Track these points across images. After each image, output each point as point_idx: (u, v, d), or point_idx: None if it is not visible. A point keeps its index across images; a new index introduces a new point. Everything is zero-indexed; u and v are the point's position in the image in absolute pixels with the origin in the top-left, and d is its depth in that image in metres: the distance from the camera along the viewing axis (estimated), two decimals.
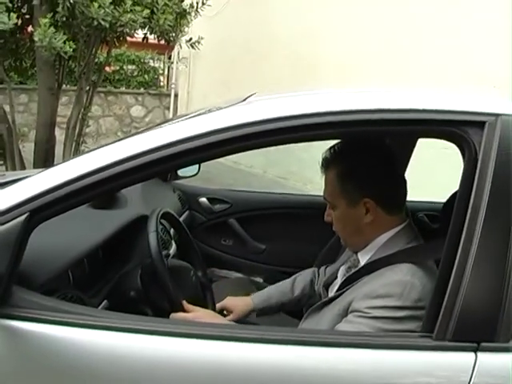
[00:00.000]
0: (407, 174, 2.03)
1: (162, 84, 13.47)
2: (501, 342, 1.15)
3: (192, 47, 5.72)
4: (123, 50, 11.97)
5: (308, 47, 8.19)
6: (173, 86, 12.50)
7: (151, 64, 12.67)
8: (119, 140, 1.38)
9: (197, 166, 3.00)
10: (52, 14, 4.53)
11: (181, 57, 11.99)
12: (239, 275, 2.72)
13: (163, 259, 1.54)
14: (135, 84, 12.42)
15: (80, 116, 5.68)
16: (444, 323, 1.16)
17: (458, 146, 1.27)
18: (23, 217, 1.25)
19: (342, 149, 1.57)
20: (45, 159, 5.49)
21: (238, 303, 1.90)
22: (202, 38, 5.78)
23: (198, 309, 1.53)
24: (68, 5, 4.38)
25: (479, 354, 1.15)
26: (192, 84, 12.24)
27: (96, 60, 6.52)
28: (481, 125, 1.23)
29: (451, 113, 1.26)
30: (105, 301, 1.60)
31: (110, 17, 4.55)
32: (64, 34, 4.47)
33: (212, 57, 10.72)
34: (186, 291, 1.62)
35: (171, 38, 5.34)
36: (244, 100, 1.48)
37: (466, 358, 1.15)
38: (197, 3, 5.58)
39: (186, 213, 2.77)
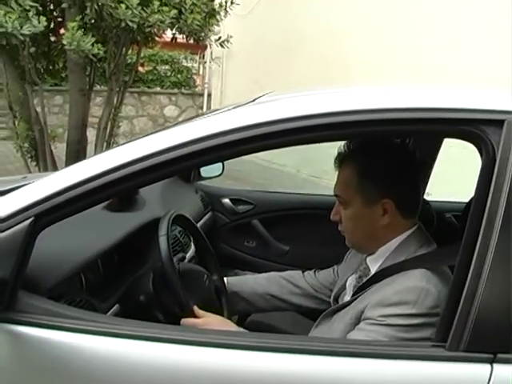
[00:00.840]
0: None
1: (197, 84, 13.54)
2: None
3: (221, 46, 5.71)
4: (156, 50, 12.08)
5: (339, 45, 8.13)
6: (206, 85, 12.56)
7: (184, 64, 12.74)
8: (126, 143, 1.37)
9: (220, 166, 2.99)
10: (82, 16, 4.57)
11: (214, 56, 12.03)
12: None
13: (173, 263, 1.51)
14: (168, 84, 12.51)
15: (111, 116, 5.72)
16: (458, 333, 1.10)
17: (475, 146, 1.21)
18: (28, 221, 1.24)
19: (362, 144, 1.50)
20: (76, 160, 5.55)
21: None
22: (231, 37, 5.75)
23: (208, 314, 1.50)
24: (96, 7, 4.41)
25: (495, 365, 1.09)
26: (225, 83, 12.28)
27: (129, 61, 6.58)
28: (499, 123, 1.17)
29: (468, 111, 1.20)
30: (116, 305, 1.59)
31: (138, 18, 4.57)
32: (93, 36, 4.51)
33: (244, 56, 10.73)
34: (198, 295, 1.59)
35: (200, 38, 5.33)
36: (253, 100, 1.44)
37: (482, 369, 1.09)
38: (225, 2, 5.56)
39: (209, 214, 2.75)
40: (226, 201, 2.79)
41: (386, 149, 1.47)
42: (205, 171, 2.93)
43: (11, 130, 5.63)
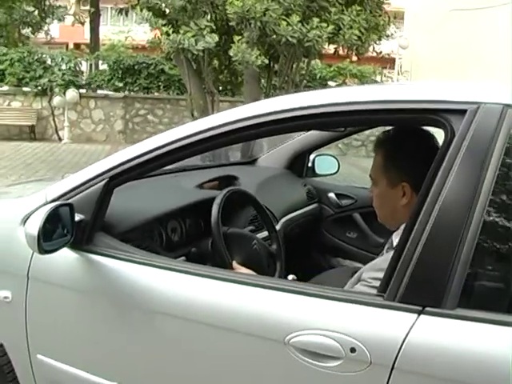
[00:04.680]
0: None
1: None
2: (446, 309, 1.25)
3: (381, 57, 5.94)
4: (345, 64, 12.50)
5: None
6: None
7: (373, 78, 12.96)
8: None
9: (336, 164, 3.28)
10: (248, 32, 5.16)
11: (403, 70, 12.11)
12: (360, 266, 2.91)
13: (219, 227, 1.88)
14: None
15: None
16: (395, 286, 1.31)
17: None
18: (103, 182, 1.71)
19: (393, 133, 1.72)
20: None
21: None
22: (396, 52, 5.97)
23: (242, 268, 1.84)
24: (259, 24, 4.96)
25: (422, 316, 1.26)
26: None
27: (319, 75, 7.02)
28: (462, 112, 1.35)
29: (434, 102, 1.40)
30: (183, 257, 1.99)
31: (298, 33, 5.02)
32: (258, 49, 5.07)
33: (432, 69, 10.62)
34: (243, 255, 1.93)
35: (360, 52, 5.63)
36: None
37: (409, 318, 1.27)
38: (388, 17, 5.77)
39: (315, 205, 3.05)
40: (332, 195, 3.08)
41: (410, 138, 1.67)
42: (320, 169, 3.25)
43: None
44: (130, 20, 22.87)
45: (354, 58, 12.47)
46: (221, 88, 8.17)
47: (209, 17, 5.32)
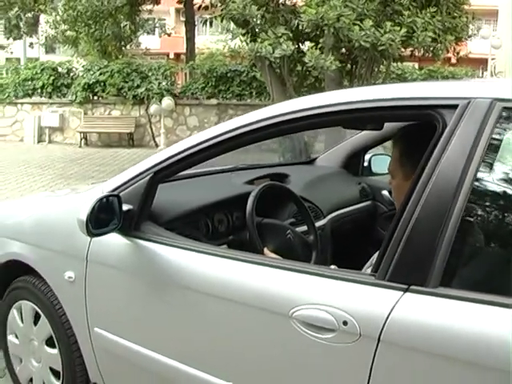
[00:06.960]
0: None
1: None
2: (429, 288, 1.38)
3: (458, 55, 5.88)
4: (437, 66, 12.28)
5: None
6: None
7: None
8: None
9: None
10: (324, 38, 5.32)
11: (497, 71, 11.77)
12: None
13: (253, 217, 2.07)
14: None
15: None
16: (386, 266, 1.44)
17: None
18: (149, 176, 1.95)
19: (408, 129, 1.85)
20: None
21: None
22: (467, 54, 5.89)
23: (271, 254, 2.01)
24: (332, 30, 5.09)
25: (407, 294, 1.39)
26: None
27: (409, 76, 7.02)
28: (454, 107, 1.47)
29: (430, 99, 1.52)
30: (225, 245, 2.19)
31: (371, 38, 5.11)
32: (333, 55, 5.21)
33: None
34: (275, 243, 2.10)
35: (436, 53, 5.60)
36: None
37: (394, 295, 1.41)
38: (467, 18, 5.71)
39: (369, 202, 3.16)
40: (385, 192, 3.17)
41: (424, 134, 1.78)
42: (377, 168, 3.35)
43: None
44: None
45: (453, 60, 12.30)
46: (306, 93, 8.35)
47: (286, 25, 5.52)
